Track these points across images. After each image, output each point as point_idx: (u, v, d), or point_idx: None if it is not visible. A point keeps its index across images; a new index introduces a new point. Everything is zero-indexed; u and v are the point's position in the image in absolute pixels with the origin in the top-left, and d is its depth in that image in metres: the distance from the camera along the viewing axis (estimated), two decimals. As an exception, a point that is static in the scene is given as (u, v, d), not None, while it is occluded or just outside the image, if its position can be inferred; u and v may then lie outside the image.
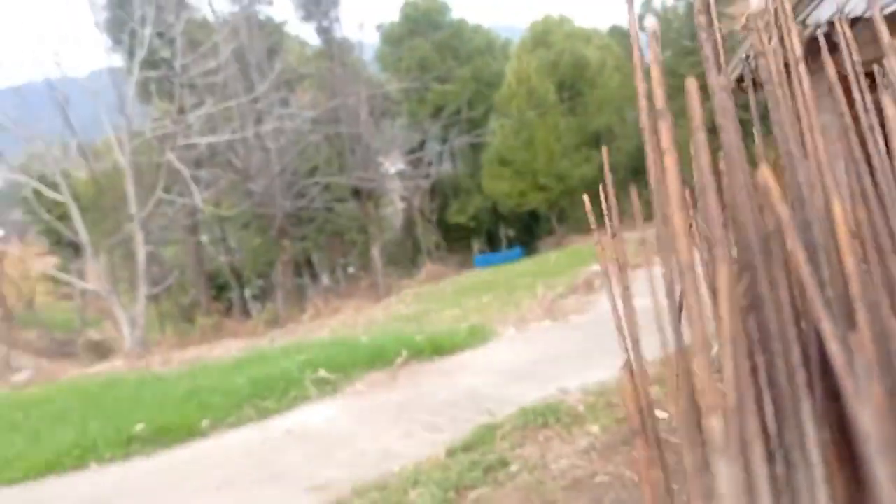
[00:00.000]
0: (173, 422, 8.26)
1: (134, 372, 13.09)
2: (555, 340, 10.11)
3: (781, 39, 1.16)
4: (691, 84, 0.78)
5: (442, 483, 5.23)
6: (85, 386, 11.37)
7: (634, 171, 32.14)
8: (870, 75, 1.24)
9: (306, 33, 35.03)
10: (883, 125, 1.08)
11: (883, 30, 1.11)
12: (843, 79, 1.16)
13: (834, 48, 1.25)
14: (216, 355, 15.06)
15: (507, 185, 30.75)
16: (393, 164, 34.92)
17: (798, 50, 1.07)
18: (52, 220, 22.32)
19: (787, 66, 1.12)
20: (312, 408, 8.58)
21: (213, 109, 22.57)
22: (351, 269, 32.43)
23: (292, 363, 9.99)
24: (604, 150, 1.40)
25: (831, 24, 3.53)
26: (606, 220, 1.33)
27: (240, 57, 25.62)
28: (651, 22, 0.87)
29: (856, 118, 1.14)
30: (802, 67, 1.07)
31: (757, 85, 1.24)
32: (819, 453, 0.76)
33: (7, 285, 26.26)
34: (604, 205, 1.33)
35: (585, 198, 1.45)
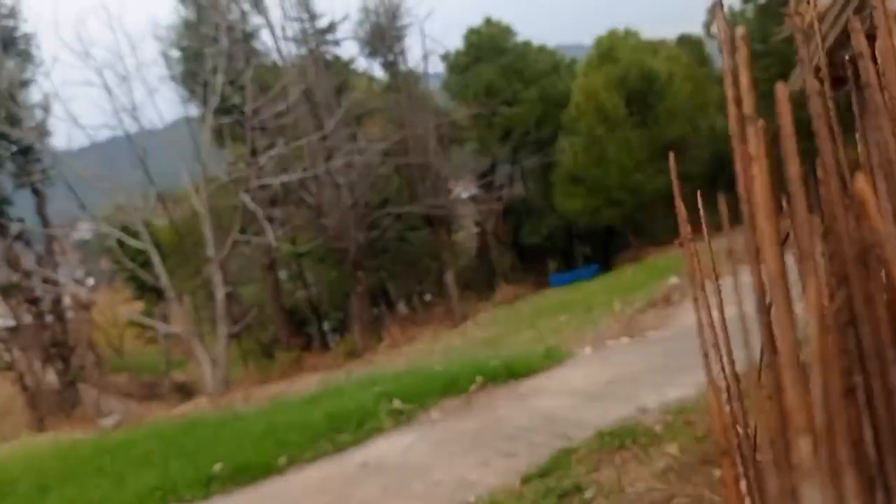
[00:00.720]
0: (251, 460, 8.29)
1: (215, 411, 13.30)
2: (632, 358, 9.77)
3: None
4: (781, 89, 0.69)
5: (515, 513, 5.03)
6: (167, 428, 11.60)
7: (712, 180, 31.23)
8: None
9: (373, 68, 35.66)
10: None
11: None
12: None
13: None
14: (296, 390, 15.18)
15: (580, 203, 30.32)
16: (465, 190, 34.96)
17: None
18: (135, 268, 23.14)
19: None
20: (387, 439, 8.48)
21: (285, 150, 23.08)
22: (427, 297, 32.47)
23: (367, 395, 9.93)
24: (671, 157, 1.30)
25: None
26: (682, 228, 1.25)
27: (308, 97, 26.19)
28: (739, 31, 0.78)
29: None
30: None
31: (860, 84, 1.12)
32: None
33: (97, 332, 27.31)
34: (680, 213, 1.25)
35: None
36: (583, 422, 7.10)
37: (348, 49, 46.57)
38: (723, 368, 1.09)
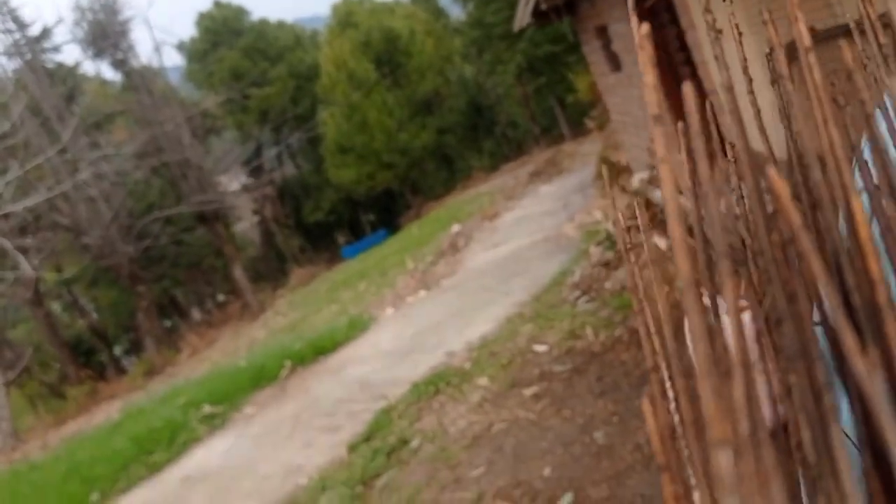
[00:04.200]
0: (58, 506, 7.64)
1: (7, 468, 12.04)
2: (432, 308, 10.03)
3: None
4: (687, 88, 0.65)
5: (348, 480, 5.03)
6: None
7: (472, 127, 32.54)
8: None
9: (103, 70, 33.20)
10: None
11: None
12: None
13: None
14: (96, 423, 14.09)
15: (353, 172, 30.40)
16: (236, 179, 33.83)
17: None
18: None
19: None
20: (205, 447, 8.14)
21: (20, 172, 20.91)
22: (220, 297, 31.24)
23: (173, 408, 9.45)
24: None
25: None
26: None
27: (37, 112, 23.84)
28: (644, 29, 0.73)
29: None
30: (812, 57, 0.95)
31: None
32: (852, 483, 0.65)
33: None
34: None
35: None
36: (397, 379, 7.21)
37: (73, 54, 42.97)
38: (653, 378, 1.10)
